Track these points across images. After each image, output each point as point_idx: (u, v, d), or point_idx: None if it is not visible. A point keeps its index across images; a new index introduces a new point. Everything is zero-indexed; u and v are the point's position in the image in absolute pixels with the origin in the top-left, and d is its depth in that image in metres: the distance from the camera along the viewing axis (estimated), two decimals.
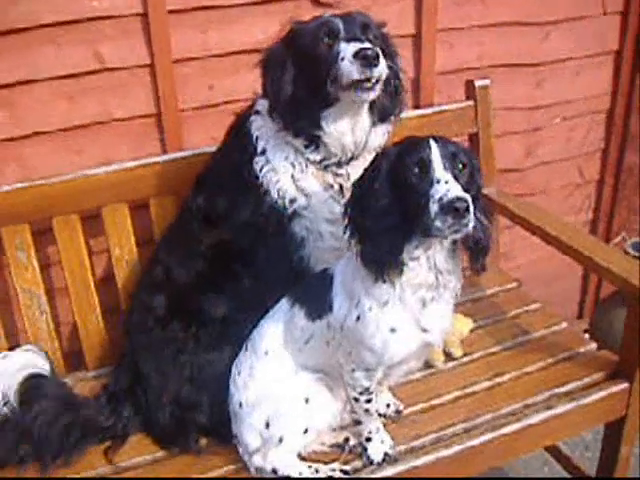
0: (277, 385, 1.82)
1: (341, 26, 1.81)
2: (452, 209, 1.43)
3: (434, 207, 1.45)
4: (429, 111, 2.55)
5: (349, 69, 1.74)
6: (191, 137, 2.42)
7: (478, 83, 2.52)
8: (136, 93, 2.33)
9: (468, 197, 1.45)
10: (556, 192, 3.27)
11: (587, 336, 3.12)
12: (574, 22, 2.93)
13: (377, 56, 1.73)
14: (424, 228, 1.49)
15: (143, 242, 2.29)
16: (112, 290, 2.30)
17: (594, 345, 2.29)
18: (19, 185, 2.09)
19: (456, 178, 1.50)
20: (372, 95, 1.80)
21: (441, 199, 1.44)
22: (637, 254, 2.93)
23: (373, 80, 1.76)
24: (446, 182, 1.47)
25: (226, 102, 2.40)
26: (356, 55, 1.72)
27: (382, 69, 1.76)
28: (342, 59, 1.75)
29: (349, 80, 1.75)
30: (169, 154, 2.29)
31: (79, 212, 2.17)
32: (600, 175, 3.33)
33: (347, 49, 1.75)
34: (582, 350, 2.26)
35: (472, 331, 2.34)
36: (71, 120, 2.29)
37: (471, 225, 1.47)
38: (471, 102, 2.55)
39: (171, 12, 2.25)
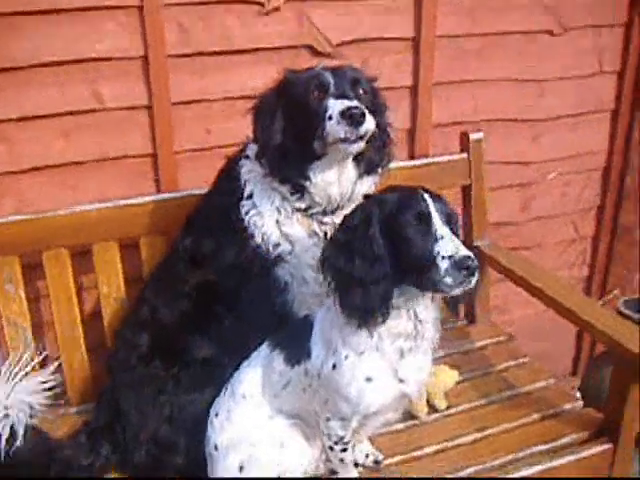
0: (253, 429, 1.81)
1: (331, 80, 1.84)
2: (464, 267, 1.46)
3: (444, 264, 1.47)
4: (423, 162, 2.58)
5: (335, 128, 1.77)
6: (186, 178, 2.46)
7: (472, 136, 2.55)
8: (133, 133, 2.37)
9: (473, 255, 1.48)
10: (551, 247, 3.27)
11: (579, 393, 3.10)
12: (570, 80, 2.98)
13: (363, 115, 1.76)
14: (433, 284, 1.50)
15: (132, 280, 2.30)
16: (99, 327, 2.30)
17: (581, 402, 2.26)
18: (10, 218, 2.12)
19: (453, 233, 1.53)
20: (357, 148, 1.83)
21: (452, 257, 1.47)
22: (629, 312, 2.91)
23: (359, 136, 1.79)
24: (451, 239, 1.50)
25: (222, 146, 2.43)
26: (343, 114, 1.75)
27: (368, 127, 1.78)
28: (330, 117, 1.78)
29: (335, 138, 1.79)
30: (160, 194, 2.32)
31: (69, 247, 2.19)
32: (595, 231, 3.35)
33: (335, 106, 1.78)
34: (568, 407, 2.24)
35: (458, 383, 2.33)
36: (68, 157, 2.33)
37: (475, 279, 1.49)
38: (465, 155, 2.57)
39: (171, 56, 2.31)
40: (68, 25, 2.19)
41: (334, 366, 1.66)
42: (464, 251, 1.47)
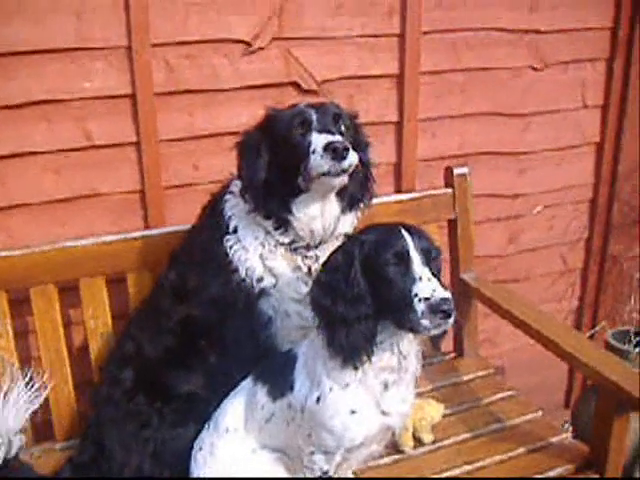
0: (236, 463, 1.80)
1: (314, 116, 1.88)
2: (440, 311, 1.47)
3: (420, 306, 1.48)
4: (409, 197, 2.60)
5: (319, 162, 1.79)
6: (174, 214, 2.49)
7: (456, 171, 2.58)
8: (121, 170, 2.41)
9: (451, 297, 1.49)
10: (540, 279, 3.29)
11: (569, 426, 3.09)
12: (554, 114, 3.03)
13: (347, 149, 1.79)
14: (410, 325, 1.52)
15: (119, 315, 2.31)
16: (86, 362, 2.30)
17: (567, 435, 2.26)
18: None
19: (432, 273, 1.54)
20: (341, 181, 1.86)
21: (428, 299, 1.48)
22: (618, 344, 2.91)
23: (342, 170, 1.82)
24: (428, 280, 1.51)
25: (209, 182, 2.46)
26: (326, 148, 1.78)
27: (351, 161, 1.81)
28: (313, 151, 1.81)
29: (319, 172, 1.81)
30: (147, 230, 2.34)
31: (56, 283, 2.21)
32: (584, 263, 3.36)
33: (318, 141, 1.81)
34: (555, 440, 2.23)
35: (445, 417, 2.32)
36: (58, 193, 2.36)
37: (452, 320, 1.50)
38: (450, 189, 2.60)
39: (158, 94, 2.35)
40: (58, 65, 2.24)
41: (318, 399, 1.66)
42: (441, 294, 1.48)
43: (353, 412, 1.65)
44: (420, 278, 1.51)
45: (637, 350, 2.88)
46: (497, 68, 2.86)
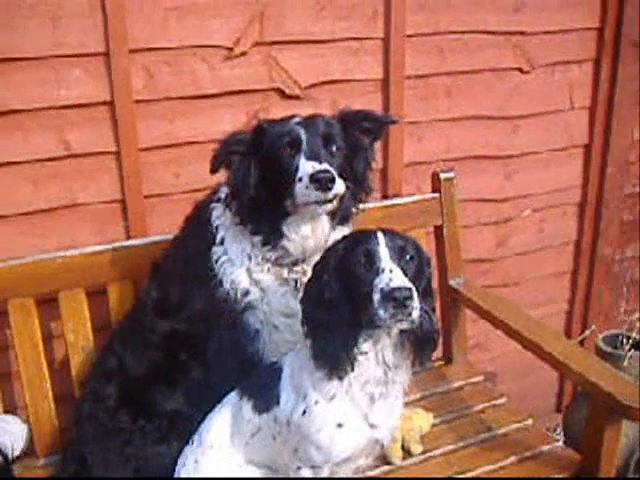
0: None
1: (304, 138, 1.83)
2: (392, 298, 1.43)
3: (377, 296, 1.46)
4: (394, 202, 2.57)
5: (305, 192, 1.77)
6: (155, 223, 2.44)
7: (443, 175, 2.55)
8: (101, 179, 2.36)
9: (410, 286, 1.45)
10: (529, 283, 3.26)
11: (561, 430, 3.07)
12: (542, 116, 3.00)
13: (332, 180, 1.75)
14: (369, 318, 1.49)
15: (100, 328, 2.25)
16: (67, 376, 2.25)
17: (559, 443, 2.23)
18: None
19: (403, 269, 1.50)
20: (328, 209, 1.84)
21: (382, 288, 1.45)
22: (608, 348, 2.89)
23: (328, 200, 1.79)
24: (390, 271, 1.48)
25: (191, 190, 2.42)
26: (312, 178, 1.74)
27: (337, 191, 1.78)
28: (300, 179, 1.77)
29: (304, 202, 1.79)
30: (127, 241, 2.28)
31: (35, 296, 2.15)
32: (574, 266, 3.33)
33: (305, 169, 1.78)
34: (546, 449, 2.20)
35: (434, 426, 2.29)
36: (36, 204, 2.31)
37: (415, 315, 1.46)
38: (436, 194, 2.57)
39: (138, 102, 2.30)
40: (34, 72, 2.18)
41: (304, 412, 1.63)
42: (397, 282, 1.45)
43: (340, 425, 1.62)
44: (383, 270, 1.48)
45: (630, 353, 2.85)
46: (483, 70, 2.83)
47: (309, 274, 1.72)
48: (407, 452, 2.18)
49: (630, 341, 2.94)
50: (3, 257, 2.19)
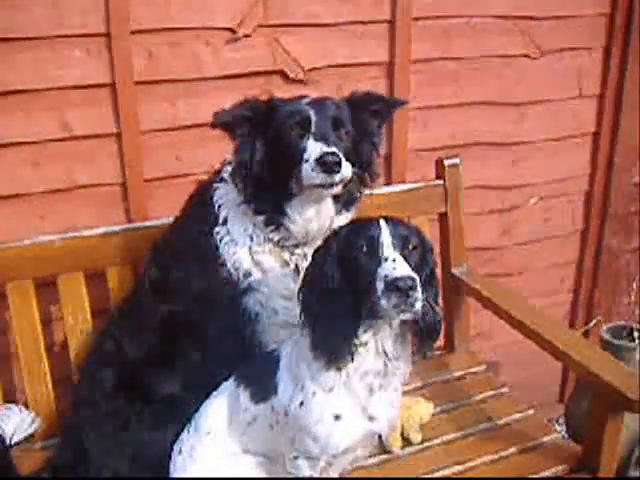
0: (216, 468, 1.75)
1: (313, 119, 1.81)
2: (395, 287, 1.40)
3: (380, 286, 1.43)
4: (398, 189, 2.54)
5: (311, 174, 1.75)
6: (156, 206, 2.42)
7: (447, 162, 2.51)
8: (102, 161, 2.34)
9: (414, 276, 1.42)
10: (534, 272, 3.23)
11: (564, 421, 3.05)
12: (550, 103, 2.96)
13: (339, 163, 1.73)
14: (371, 308, 1.46)
15: (99, 312, 2.24)
16: (65, 359, 2.24)
17: (559, 435, 2.21)
18: None
19: (406, 258, 1.47)
20: (333, 192, 1.82)
21: (386, 277, 1.42)
22: (613, 339, 2.86)
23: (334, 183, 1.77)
24: (393, 260, 1.45)
25: (193, 173, 2.40)
26: (319, 160, 1.72)
27: (343, 175, 1.76)
28: (306, 160, 1.75)
29: (310, 184, 1.77)
30: (127, 224, 2.27)
31: (34, 278, 2.14)
32: (579, 256, 3.30)
33: (313, 150, 1.75)
34: (547, 439, 2.18)
35: (434, 415, 2.27)
36: (36, 186, 2.30)
37: (418, 305, 1.43)
38: (440, 181, 2.53)
39: (139, 83, 2.28)
40: (34, 53, 2.17)
41: (302, 403, 1.61)
42: (400, 272, 1.42)
43: (337, 417, 1.59)
44: (386, 259, 1.45)
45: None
46: (490, 56, 2.79)
47: (310, 259, 1.70)
48: (406, 441, 2.16)
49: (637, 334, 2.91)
50: (2, 239, 2.16)
